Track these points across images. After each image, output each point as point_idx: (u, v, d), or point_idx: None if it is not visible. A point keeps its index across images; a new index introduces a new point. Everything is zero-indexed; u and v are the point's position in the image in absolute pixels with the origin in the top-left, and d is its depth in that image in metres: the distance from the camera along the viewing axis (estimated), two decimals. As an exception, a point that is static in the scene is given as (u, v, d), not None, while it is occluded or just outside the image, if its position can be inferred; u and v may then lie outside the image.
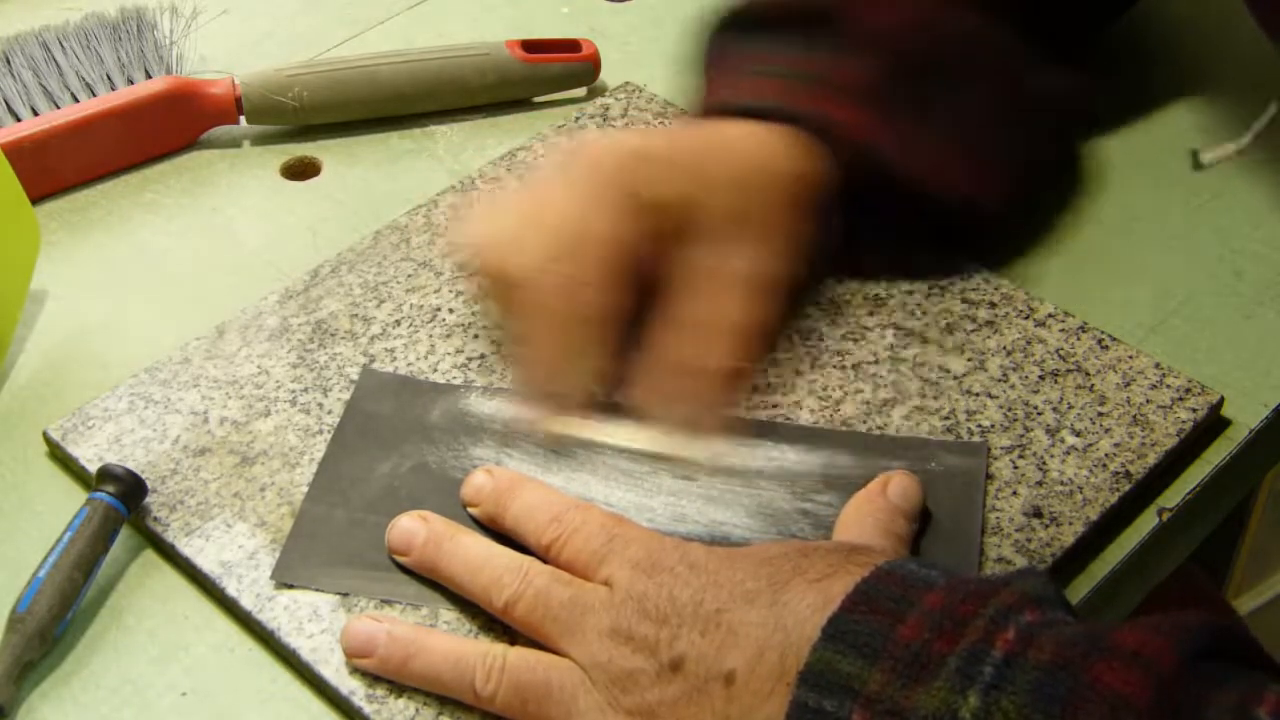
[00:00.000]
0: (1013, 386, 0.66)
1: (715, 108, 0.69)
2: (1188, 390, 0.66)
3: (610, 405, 0.64)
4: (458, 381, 0.67)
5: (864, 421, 0.65)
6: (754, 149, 0.66)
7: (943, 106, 0.70)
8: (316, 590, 0.59)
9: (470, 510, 0.61)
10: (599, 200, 0.62)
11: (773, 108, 0.67)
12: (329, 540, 0.61)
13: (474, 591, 0.57)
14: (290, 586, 0.59)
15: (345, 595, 0.59)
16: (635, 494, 0.62)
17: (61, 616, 0.58)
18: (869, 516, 0.59)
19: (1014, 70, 0.72)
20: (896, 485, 0.60)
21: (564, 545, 0.57)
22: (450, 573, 0.58)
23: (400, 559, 0.59)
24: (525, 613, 0.56)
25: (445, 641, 0.56)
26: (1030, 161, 0.73)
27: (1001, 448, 0.64)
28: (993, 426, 0.65)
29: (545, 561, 0.58)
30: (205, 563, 0.60)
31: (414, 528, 0.59)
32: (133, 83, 0.80)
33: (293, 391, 0.66)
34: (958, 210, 0.69)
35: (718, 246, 0.63)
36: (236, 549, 0.61)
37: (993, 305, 0.70)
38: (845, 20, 0.70)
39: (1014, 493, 0.62)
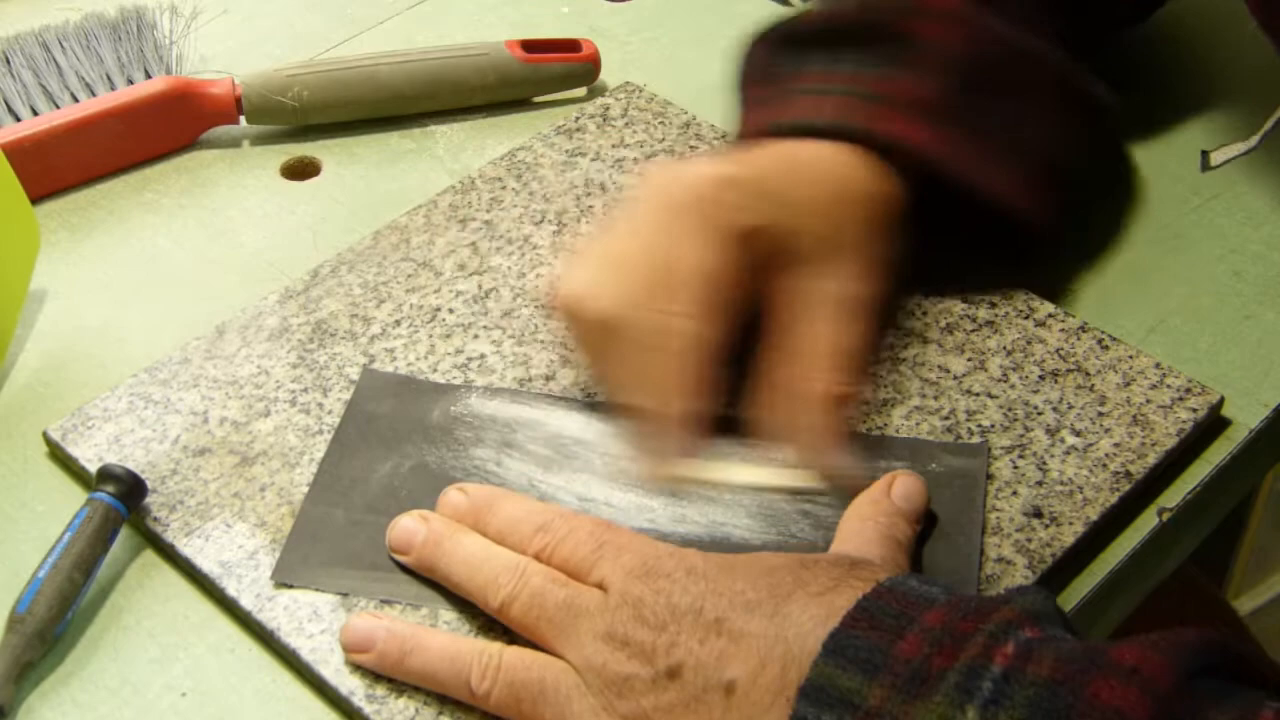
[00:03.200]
0: (1013, 386, 0.66)
1: (769, 128, 0.68)
2: (1188, 390, 0.66)
3: (724, 443, 0.63)
4: (458, 381, 0.67)
5: (864, 421, 0.65)
6: (833, 170, 0.65)
7: (1002, 120, 0.69)
8: (317, 590, 0.59)
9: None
10: (685, 231, 0.62)
11: (833, 126, 0.66)
12: (329, 540, 0.61)
13: (471, 590, 0.57)
14: (290, 587, 0.59)
15: (345, 595, 0.59)
16: (635, 494, 0.62)
17: (61, 616, 0.58)
18: (870, 520, 0.59)
19: (1064, 80, 0.71)
20: (900, 486, 0.60)
21: (552, 553, 0.57)
22: (448, 571, 0.58)
23: (400, 558, 0.59)
24: (521, 613, 0.56)
25: (442, 639, 0.56)
26: (1081, 170, 0.72)
27: (1001, 448, 0.64)
28: (993, 426, 0.65)
29: None
30: (205, 563, 0.60)
31: (414, 527, 0.59)
32: (133, 83, 0.80)
33: (293, 391, 0.66)
34: (1019, 223, 0.68)
35: (812, 271, 0.64)
36: (236, 549, 0.61)
37: (993, 305, 0.70)
38: (902, 36, 0.69)
39: (1014, 493, 0.62)
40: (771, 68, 0.71)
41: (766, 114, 0.69)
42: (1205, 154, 0.77)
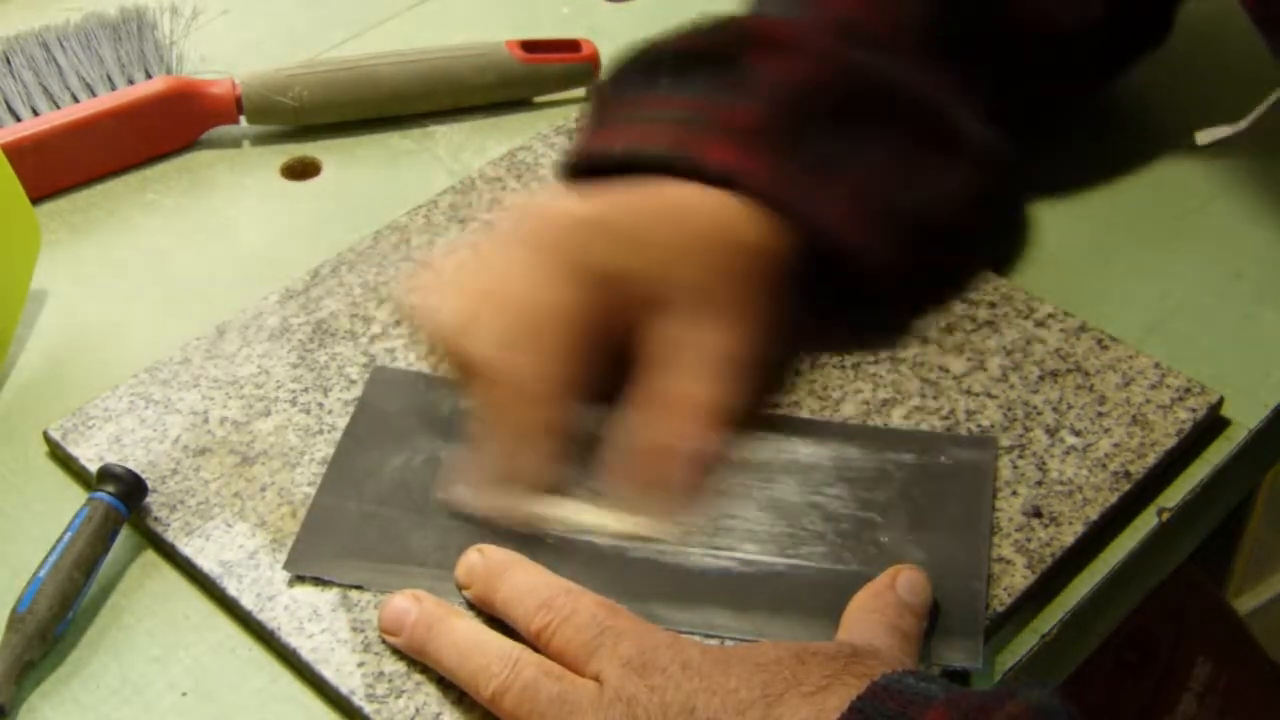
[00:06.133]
0: (1012, 386, 0.66)
1: (597, 154, 0.66)
2: (1187, 390, 0.66)
3: (578, 485, 0.62)
4: (458, 381, 0.67)
5: (864, 421, 0.65)
6: (709, 217, 0.63)
7: (841, 155, 0.66)
8: (329, 581, 0.59)
9: (463, 593, 0.59)
10: (551, 274, 0.61)
11: (652, 154, 0.64)
12: (341, 533, 0.61)
13: (462, 678, 0.56)
14: (301, 579, 0.59)
15: (350, 591, 0.59)
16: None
17: (62, 616, 0.58)
18: (876, 612, 0.57)
19: (931, 124, 0.68)
20: (905, 580, 0.58)
21: (554, 634, 0.55)
22: (439, 656, 0.56)
23: (390, 639, 0.58)
24: (513, 705, 0.54)
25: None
26: (946, 217, 0.68)
27: (1001, 448, 0.64)
28: (992, 426, 0.65)
29: (535, 648, 0.56)
30: (205, 563, 0.60)
31: (406, 607, 0.58)
32: (133, 83, 0.80)
33: (293, 391, 0.66)
34: (855, 264, 0.65)
35: (684, 319, 0.62)
36: (236, 549, 0.61)
37: (992, 305, 0.70)
38: (741, 65, 0.67)
39: (1014, 493, 0.62)
40: (615, 92, 0.69)
41: (598, 139, 0.68)
42: (1192, 134, 0.77)
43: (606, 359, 0.61)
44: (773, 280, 0.64)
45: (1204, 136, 0.77)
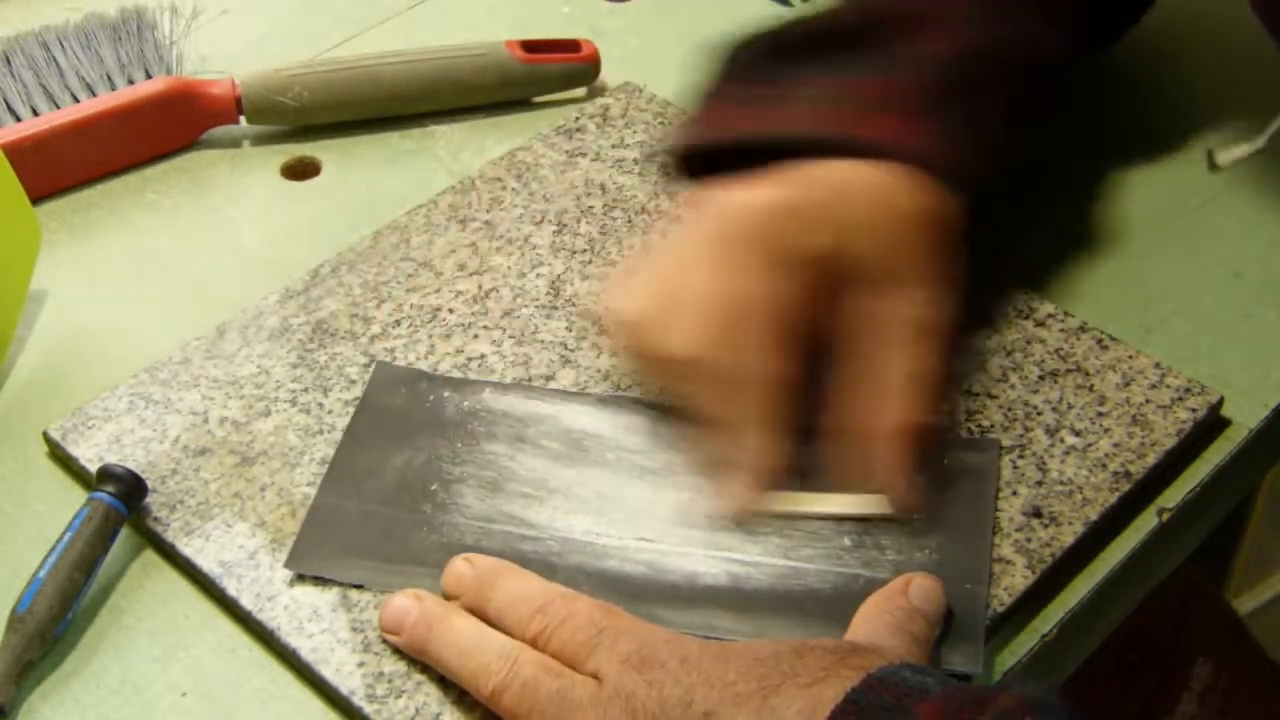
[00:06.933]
0: (1013, 386, 0.66)
1: (749, 136, 0.66)
2: (1187, 390, 0.66)
3: (797, 474, 0.62)
4: (458, 381, 0.67)
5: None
6: (883, 190, 0.64)
7: (982, 119, 0.67)
8: (329, 580, 0.59)
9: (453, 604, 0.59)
10: (749, 263, 0.61)
11: (809, 136, 0.64)
12: (342, 531, 0.61)
13: (462, 676, 0.56)
14: (302, 577, 0.59)
15: (349, 591, 0.59)
16: (648, 488, 0.62)
17: (61, 616, 0.58)
18: (885, 614, 0.57)
19: (1049, 80, 0.70)
20: (918, 586, 0.58)
21: (550, 637, 0.55)
22: (440, 655, 0.56)
23: (391, 638, 0.58)
24: (512, 703, 0.54)
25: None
26: (1054, 162, 0.71)
27: (1001, 448, 0.64)
28: (993, 426, 0.65)
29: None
30: (205, 563, 0.60)
31: (406, 606, 0.58)
32: (133, 83, 0.80)
33: (293, 391, 0.66)
34: (1013, 225, 0.67)
35: (878, 295, 0.62)
36: (236, 549, 0.61)
37: (993, 305, 0.70)
38: (890, 42, 0.67)
39: (1014, 493, 0.62)
40: (755, 72, 0.69)
41: (732, 124, 0.67)
42: (1211, 153, 0.76)
43: (800, 341, 0.62)
44: (950, 246, 0.64)
45: (1224, 158, 0.76)
